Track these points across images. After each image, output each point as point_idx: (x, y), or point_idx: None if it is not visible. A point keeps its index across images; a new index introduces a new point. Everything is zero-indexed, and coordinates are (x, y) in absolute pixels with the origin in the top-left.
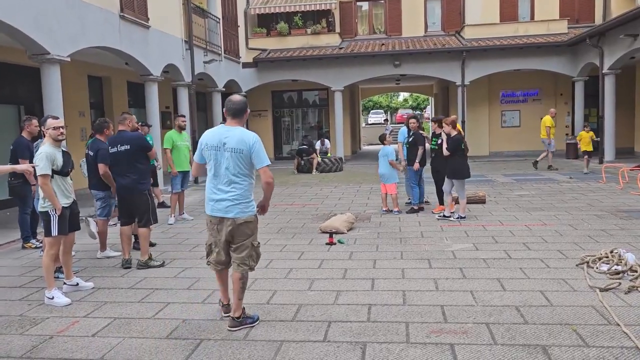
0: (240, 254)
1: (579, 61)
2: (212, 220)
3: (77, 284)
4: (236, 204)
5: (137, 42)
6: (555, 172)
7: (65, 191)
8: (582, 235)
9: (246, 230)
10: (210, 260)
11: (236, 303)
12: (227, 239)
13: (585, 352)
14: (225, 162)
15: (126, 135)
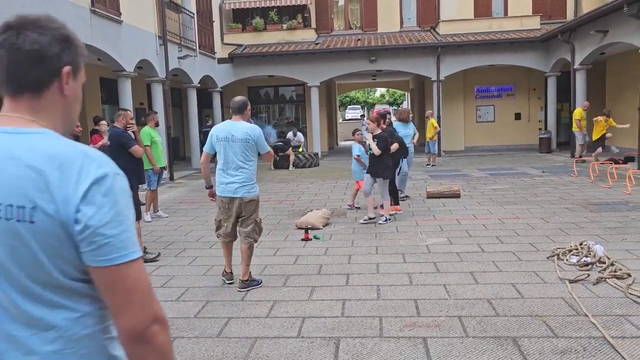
0: (246, 228)
1: (552, 57)
2: (223, 200)
3: None
4: (243, 186)
5: (109, 37)
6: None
7: None
8: (553, 228)
9: (251, 207)
10: (220, 233)
11: (244, 268)
12: (237, 214)
13: (554, 343)
14: (232, 151)
15: (116, 132)
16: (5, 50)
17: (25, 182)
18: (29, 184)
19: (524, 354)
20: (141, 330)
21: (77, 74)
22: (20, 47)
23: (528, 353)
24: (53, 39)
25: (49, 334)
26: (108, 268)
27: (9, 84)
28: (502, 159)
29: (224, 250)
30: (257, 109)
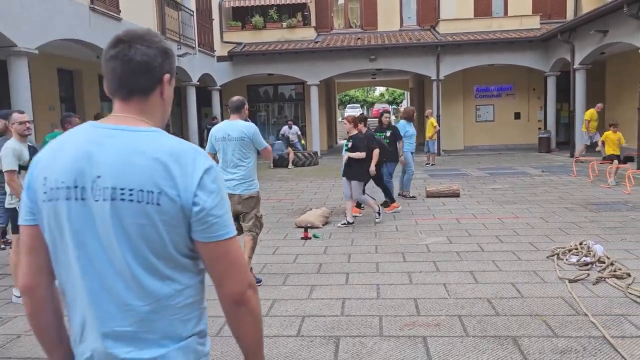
0: (248, 223)
1: (551, 56)
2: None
3: None
4: (242, 183)
5: (108, 34)
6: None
7: None
8: (552, 228)
9: (250, 203)
10: None
11: (247, 260)
12: (237, 211)
13: (554, 342)
14: (230, 149)
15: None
16: (119, 62)
17: (153, 171)
18: (156, 173)
19: (524, 353)
20: (240, 294)
21: (172, 80)
22: (132, 58)
23: (528, 352)
24: (157, 51)
25: (159, 303)
26: (216, 243)
27: (121, 90)
28: (502, 159)
29: None
30: (256, 108)
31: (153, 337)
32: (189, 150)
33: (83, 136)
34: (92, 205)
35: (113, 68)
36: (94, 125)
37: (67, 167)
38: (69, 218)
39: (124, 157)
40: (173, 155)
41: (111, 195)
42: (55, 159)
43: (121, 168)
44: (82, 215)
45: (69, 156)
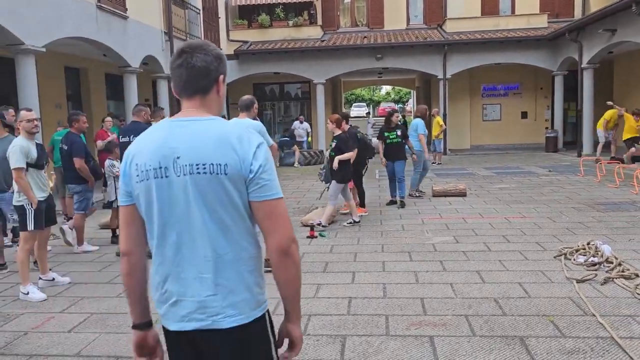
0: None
1: (559, 55)
2: None
3: (53, 279)
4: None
5: (115, 33)
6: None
7: (41, 184)
8: (560, 228)
9: None
10: None
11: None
12: None
13: (562, 343)
14: None
15: (140, 127)
16: (184, 69)
17: (219, 148)
18: (221, 149)
19: (532, 353)
20: (286, 246)
21: (224, 79)
22: (194, 65)
23: (535, 353)
24: (213, 57)
25: (230, 255)
26: (268, 202)
27: (186, 90)
28: (508, 158)
29: None
30: (262, 106)
31: (226, 283)
32: (245, 130)
33: (162, 129)
34: (174, 180)
35: (180, 74)
36: (170, 120)
37: (152, 154)
38: (157, 192)
39: (195, 140)
40: (233, 135)
41: (189, 171)
42: (142, 149)
43: (194, 149)
44: (166, 189)
45: (153, 145)
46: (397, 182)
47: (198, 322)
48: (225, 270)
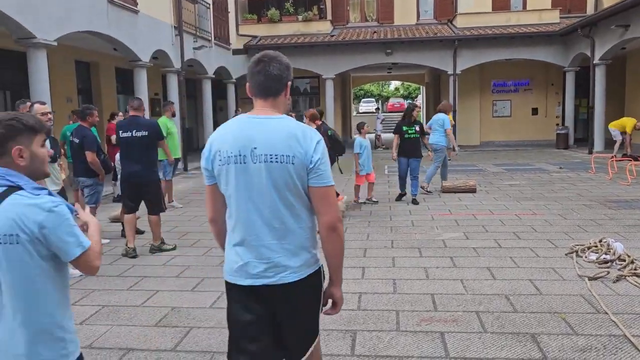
0: None
1: (570, 51)
2: None
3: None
4: None
5: (125, 27)
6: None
7: (54, 177)
8: (571, 225)
9: None
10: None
11: None
12: None
13: (574, 340)
14: None
15: (142, 121)
16: (262, 75)
17: (290, 141)
18: (290, 143)
19: (543, 350)
20: (333, 223)
21: (291, 85)
22: (271, 73)
23: (547, 350)
24: (284, 66)
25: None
26: (322, 188)
27: (262, 93)
28: (518, 155)
29: None
30: None
31: (290, 247)
32: (307, 128)
33: (242, 123)
34: (250, 167)
35: (258, 79)
36: (247, 115)
37: (233, 143)
38: (235, 175)
39: (270, 135)
40: (299, 131)
41: (264, 160)
42: (224, 139)
43: (269, 142)
44: (243, 173)
45: (233, 136)
46: (411, 179)
47: (267, 279)
48: (289, 237)
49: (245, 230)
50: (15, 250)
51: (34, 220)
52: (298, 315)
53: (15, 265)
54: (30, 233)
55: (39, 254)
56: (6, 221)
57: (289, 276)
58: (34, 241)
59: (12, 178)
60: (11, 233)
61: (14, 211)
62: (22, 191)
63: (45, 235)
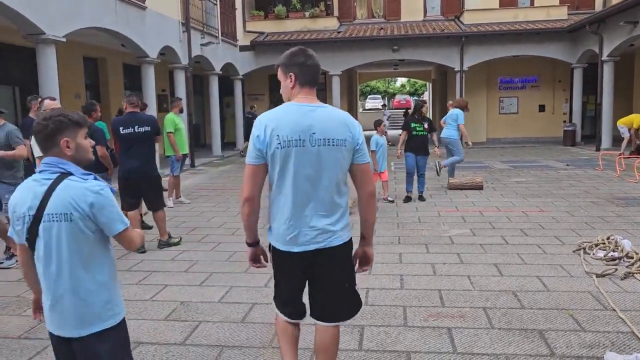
0: None
1: (578, 48)
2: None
3: None
4: None
5: (133, 23)
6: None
7: None
8: (578, 222)
9: None
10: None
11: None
12: None
13: (582, 337)
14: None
15: (143, 117)
16: (313, 67)
17: (342, 128)
18: (342, 129)
19: (551, 347)
20: (373, 192)
21: None
22: (318, 65)
23: (555, 346)
24: (318, 61)
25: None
26: (364, 164)
27: (311, 82)
28: (525, 152)
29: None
30: (278, 97)
31: (337, 216)
32: (351, 117)
33: (295, 111)
34: (309, 150)
35: (309, 70)
36: (297, 104)
37: (293, 129)
38: (294, 157)
39: (325, 122)
40: (347, 119)
41: (322, 143)
42: (282, 125)
43: (326, 128)
44: (302, 156)
45: (291, 123)
46: (418, 177)
47: (317, 244)
48: (336, 208)
49: (300, 204)
50: (70, 226)
51: (84, 201)
52: (340, 272)
53: (70, 238)
54: (82, 212)
55: (89, 229)
56: (61, 202)
57: (335, 240)
58: (85, 218)
59: (64, 166)
60: (66, 212)
61: (67, 194)
62: (72, 176)
63: (94, 213)
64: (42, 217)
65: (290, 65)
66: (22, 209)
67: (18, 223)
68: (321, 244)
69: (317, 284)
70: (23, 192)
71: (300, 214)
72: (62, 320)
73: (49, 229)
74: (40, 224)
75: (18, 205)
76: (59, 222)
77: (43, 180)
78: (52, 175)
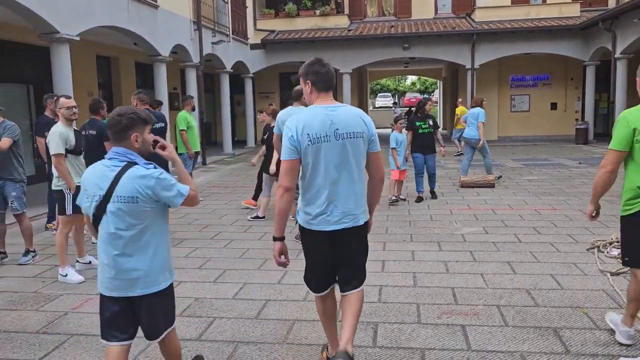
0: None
1: (591, 45)
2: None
3: (89, 262)
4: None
5: (145, 22)
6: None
7: (79, 170)
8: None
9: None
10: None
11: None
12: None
13: (597, 335)
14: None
15: (157, 114)
16: (329, 74)
17: (359, 122)
18: (360, 122)
19: (566, 344)
20: (382, 177)
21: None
22: (333, 73)
23: (570, 344)
24: (332, 69)
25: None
26: (377, 152)
27: (328, 88)
28: (537, 150)
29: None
30: (288, 95)
31: (360, 200)
32: (364, 113)
33: (320, 112)
34: (335, 144)
35: (326, 77)
36: (321, 106)
37: (320, 127)
38: (324, 150)
39: (346, 119)
40: (362, 115)
41: (345, 137)
42: (311, 124)
43: (346, 123)
44: (329, 148)
45: (318, 122)
46: (429, 175)
47: (345, 223)
48: (358, 192)
49: (330, 190)
50: (137, 207)
51: (147, 185)
52: (361, 246)
53: (139, 216)
54: (146, 195)
55: (151, 207)
56: (129, 187)
57: (360, 220)
58: (148, 200)
59: (131, 156)
60: (132, 195)
61: (134, 180)
62: (137, 166)
63: (157, 194)
64: (110, 198)
65: (307, 74)
66: (93, 189)
67: (87, 200)
68: (348, 224)
69: (342, 257)
70: (95, 174)
71: (332, 198)
72: (124, 284)
73: (116, 207)
74: (108, 203)
75: (89, 185)
76: (126, 203)
77: (112, 167)
78: (121, 163)
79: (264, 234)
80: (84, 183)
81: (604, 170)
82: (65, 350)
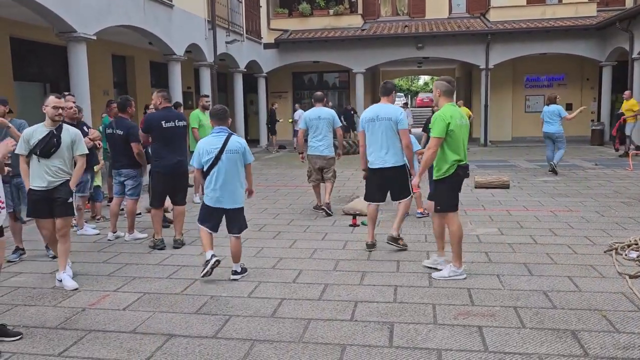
0: (328, 175)
1: (608, 45)
2: (313, 157)
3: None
4: (326, 148)
5: (161, 21)
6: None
7: (45, 174)
8: (609, 222)
9: (331, 162)
10: (312, 179)
11: (328, 197)
12: (321, 166)
13: (616, 338)
14: (321, 126)
15: (179, 113)
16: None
17: (392, 112)
18: (393, 112)
19: (585, 347)
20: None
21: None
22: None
23: (589, 347)
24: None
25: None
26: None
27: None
28: None
29: (315, 191)
30: (300, 95)
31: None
32: (394, 106)
33: (375, 106)
34: (377, 124)
35: (383, 87)
36: (378, 104)
37: (372, 114)
38: (372, 127)
39: (384, 110)
40: (395, 108)
41: (382, 119)
42: (367, 113)
43: (385, 113)
44: (376, 126)
45: (371, 112)
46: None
47: (387, 163)
48: (391, 149)
49: (378, 147)
50: (238, 156)
51: (241, 145)
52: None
53: (236, 162)
54: (242, 150)
55: (241, 158)
56: (235, 145)
57: (398, 163)
58: (242, 154)
59: (229, 131)
60: (237, 149)
61: (235, 142)
62: (235, 135)
63: (244, 151)
64: (224, 151)
65: (380, 87)
66: (210, 147)
67: (206, 155)
68: (388, 164)
69: (388, 183)
70: (209, 143)
71: (379, 151)
72: (225, 200)
73: (228, 157)
74: (223, 154)
75: (206, 147)
76: (235, 153)
77: (220, 136)
78: (224, 134)
79: (278, 232)
80: (200, 148)
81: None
82: (84, 346)
